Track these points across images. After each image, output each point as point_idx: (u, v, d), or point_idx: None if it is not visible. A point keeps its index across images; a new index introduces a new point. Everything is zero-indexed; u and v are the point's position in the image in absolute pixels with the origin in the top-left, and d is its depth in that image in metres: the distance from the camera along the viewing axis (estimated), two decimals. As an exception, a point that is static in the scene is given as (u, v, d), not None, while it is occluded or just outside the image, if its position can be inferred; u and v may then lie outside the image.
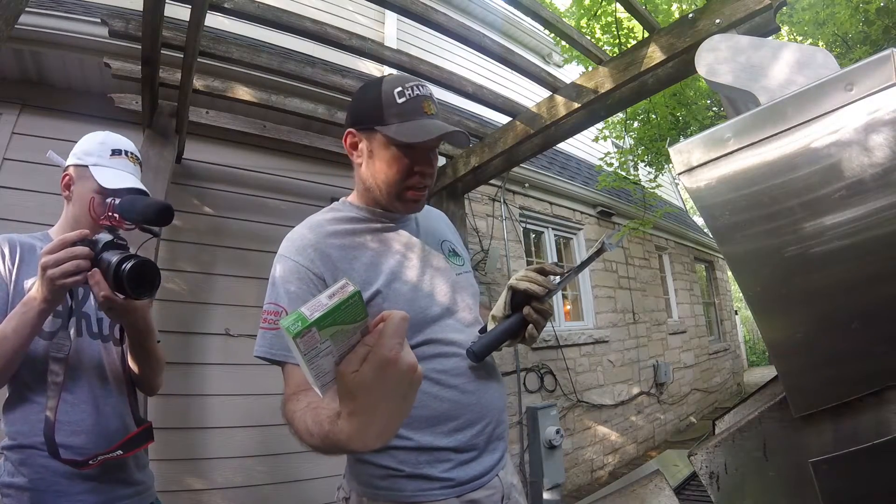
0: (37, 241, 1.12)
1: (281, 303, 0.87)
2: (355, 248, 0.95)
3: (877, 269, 0.78)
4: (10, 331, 0.93)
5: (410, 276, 0.96)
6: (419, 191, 0.97)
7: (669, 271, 7.49)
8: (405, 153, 0.93)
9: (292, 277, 0.89)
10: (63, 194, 1.16)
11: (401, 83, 0.93)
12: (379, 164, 0.95)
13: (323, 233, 0.95)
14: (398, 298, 0.92)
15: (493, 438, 0.96)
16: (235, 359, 2.73)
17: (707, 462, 0.94)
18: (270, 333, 0.87)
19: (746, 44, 1.01)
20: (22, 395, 1.03)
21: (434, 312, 0.96)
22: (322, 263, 0.90)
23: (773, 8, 1.67)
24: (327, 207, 1.05)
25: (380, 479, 0.90)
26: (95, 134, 1.20)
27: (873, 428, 0.78)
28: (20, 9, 1.14)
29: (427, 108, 0.93)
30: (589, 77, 2.26)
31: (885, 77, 0.74)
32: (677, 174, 0.94)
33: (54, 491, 0.99)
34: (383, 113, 0.91)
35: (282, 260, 0.92)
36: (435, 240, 1.08)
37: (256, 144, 2.97)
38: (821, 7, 4.98)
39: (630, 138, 5.57)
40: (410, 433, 0.89)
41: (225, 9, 1.84)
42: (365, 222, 1.00)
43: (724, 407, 5.46)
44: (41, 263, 0.90)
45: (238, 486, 2.56)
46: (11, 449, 1.02)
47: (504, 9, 5.65)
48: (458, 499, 0.90)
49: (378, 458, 0.90)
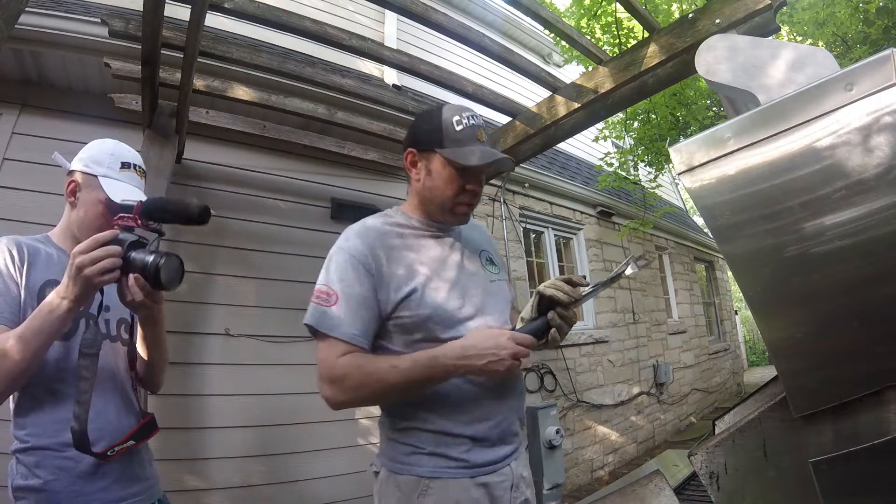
0: (39, 244, 1.12)
1: (333, 287, 1.01)
2: (402, 249, 1.08)
3: (877, 269, 0.78)
4: (34, 332, 0.93)
5: (447, 278, 1.08)
6: (468, 206, 1.12)
7: (669, 271, 7.49)
8: (459, 173, 1.07)
9: (346, 266, 1.02)
10: (68, 199, 1.16)
11: (458, 113, 1.09)
12: (436, 182, 1.09)
13: (376, 232, 1.08)
14: (433, 296, 1.03)
15: (506, 434, 1.06)
16: (235, 359, 2.73)
17: (707, 462, 0.94)
18: (320, 310, 1.00)
19: (746, 44, 1.01)
20: (36, 396, 1.03)
21: (465, 313, 1.06)
22: (372, 258, 1.03)
23: (773, 8, 1.67)
24: (382, 213, 1.19)
25: (405, 455, 1.02)
26: (104, 142, 1.20)
27: (873, 428, 0.78)
28: (20, 9, 1.14)
29: (479, 136, 1.08)
30: (589, 77, 2.26)
31: (885, 77, 0.74)
32: (677, 174, 0.94)
33: (70, 491, 1.00)
34: (443, 138, 1.07)
35: (339, 251, 1.05)
36: (474, 249, 1.20)
37: (256, 144, 2.96)
38: (821, 7, 4.98)
39: (630, 138, 5.57)
40: (433, 418, 1.01)
41: (225, 9, 1.84)
42: (414, 229, 1.13)
43: (724, 407, 5.46)
44: (76, 263, 0.91)
45: (238, 486, 2.56)
46: (25, 452, 1.01)
47: (504, 9, 5.65)
48: (471, 479, 1.00)
49: (405, 437, 1.03)
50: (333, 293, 1.00)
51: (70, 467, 1.00)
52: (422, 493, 0.99)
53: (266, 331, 2.85)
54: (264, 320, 2.85)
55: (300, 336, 2.98)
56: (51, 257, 1.11)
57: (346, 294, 0.99)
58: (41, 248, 1.11)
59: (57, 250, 1.13)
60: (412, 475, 1.00)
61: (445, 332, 1.02)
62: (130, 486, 1.10)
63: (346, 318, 0.98)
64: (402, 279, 1.03)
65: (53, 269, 1.08)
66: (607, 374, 5.28)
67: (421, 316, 1.02)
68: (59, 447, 1.00)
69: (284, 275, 3.00)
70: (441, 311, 1.03)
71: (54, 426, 1.01)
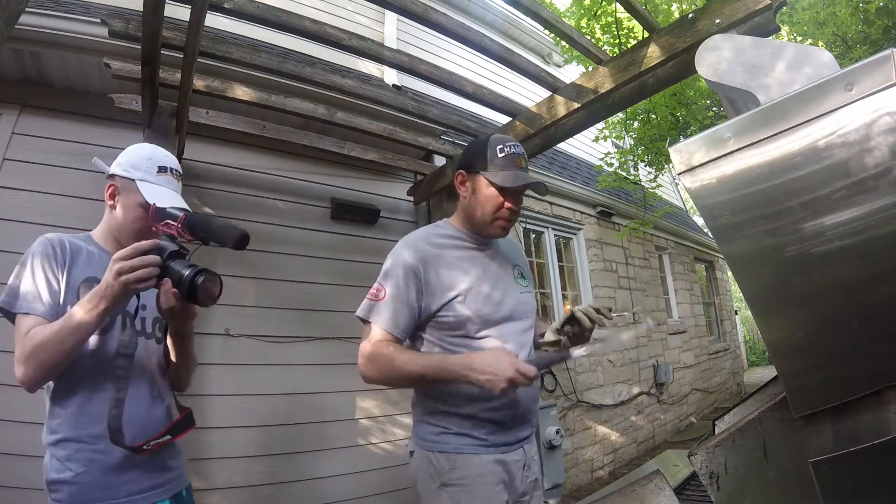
0: (81, 242, 1.18)
1: (384, 285, 1.21)
2: (449, 258, 1.26)
3: (877, 269, 0.78)
4: (73, 326, 0.99)
5: (486, 286, 1.26)
6: (507, 221, 1.28)
7: (669, 271, 7.48)
8: (500, 193, 1.25)
9: (398, 271, 1.21)
10: (107, 203, 1.22)
11: (503, 142, 1.27)
12: (479, 199, 1.27)
13: (429, 242, 1.27)
14: (475, 300, 1.22)
15: (522, 422, 1.26)
16: (235, 359, 2.73)
17: (707, 462, 0.94)
18: (370, 304, 1.22)
19: (746, 44, 1.01)
20: (71, 388, 1.08)
21: (499, 315, 1.25)
22: (423, 264, 1.22)
23: (773, 8, 1.67)
24: (433, 224, 1.39)
25: (434, 434, 1.22)
26: (141, 146, 1.25)
27: (873, 428, 0.78)
28: (20, 9, 1.14)
29: (519, 163, 1.26)
30: (589, 77, 2.26)
31: (885, 77, 0.74)
32: (677, 174, 0.94)
33: (100, 483, 1.05)
34: (487, 162, 1.25)
35: (395, 255, 1.25)
36: (508, 263, 1.38)
37: (256, 144, 2.96)
38: (821, 7, 4.97)
39: (630, 138, 5.56)
40: (462, 404, 1.20)
41: (225, 9, 1.84)
42: (461, 240, 1.31)
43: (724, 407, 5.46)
44: (116, 268, 0.97)
45: (238, 486, 2.56)
46: (57, 444, 1.06)
47: (504, 9, 5.64)
48: (491, 456, 1.19)
49: (435, 419, 1.22)
50: (382, 289, 1.21)
51: (100, 460, 1.05)
52: (451, 467, 1.17)
53: (266, 331, 2.85)
54: (264, 320, 2.85)
55: (300, 336, 2.98)
56: (91, 255, 1.17)
57: (392, 294, 1.19)
58: (83, 246, 1.17)
59: (98, 249, 1.19)
60: (441, 451, 1.19)
61: (479, 332, 1.21)
62: (158, 477, 1.14)
63: (389, 312, 1.18)
64: (448, 285, 1.21)
65: (94, 267, 1.14)
66: (607, 374, 5.28)
67: (462, 317, 1.20)
68: (89, 439, 1.05)
69: (284, 275, 3.00)
70: (479, 314, 1.21)
71: (85, 418, 1.06)
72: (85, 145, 2.51)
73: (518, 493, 1.24)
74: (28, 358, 0.99)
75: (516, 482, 1.22)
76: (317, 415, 2.91)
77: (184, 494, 1.21)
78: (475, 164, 1.28)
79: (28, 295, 1.06)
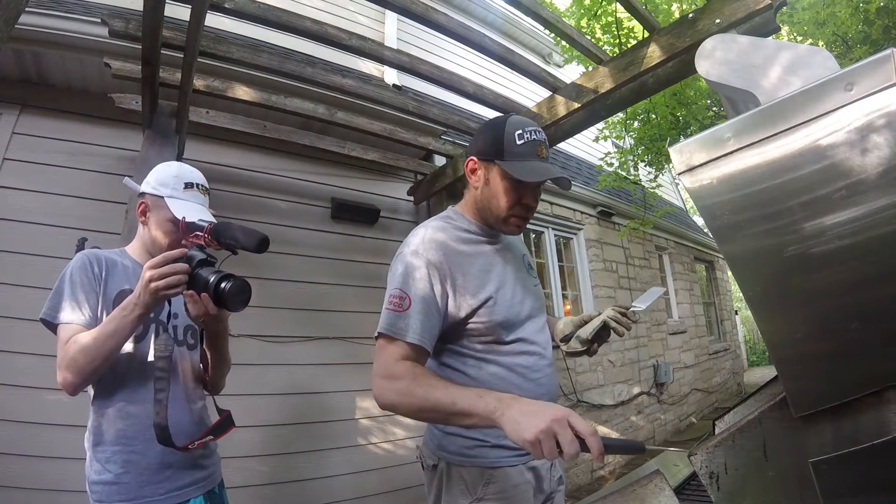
0: (116, 257, 1.26)
1: (407, 291, 1.02)
2: (471, 255, 1.13)
3: (877, 269, 0.78)
4: (110, 332, 1.06)
5: (510, 284, 1.15)
6: (522, 219, 1.15)
7: (669, 271, 7.48)
8: (516, 187, 1.09)
9: (423, 272, 1.04)
10: (139, 219, 1.30)
11: (522, 126, 1.09)
12: (493, 192, 1.12)
13: (447, 237, 1.11)
14: (504, 303, 1.11)
15: None
16: (235, 359, 2.70)
17: (707, 462, 0.94)
18: (394, 315, 1.01)
19: (746, 44, 1.01)
20: (109, 392, 1.15)
21: (524, 315, 1.15)
22: (449, 264, 1.06)
23: (773, 8, 1.67)
24: (443, 214, 1.22)
25: (469, 448, 1.09)
26: (169, 165, 1.33)
27: (873, 428, 0.78)
28: (20, 9, 1.14)
29: (540, 152, 1.09)
30: (589, 77, 2.26)
31: (885, 77, 0.74)
32: (677, 174, 0.94)
33: (139, 481, 1.11)
34: (503, 150, 1.08)
35: (411, 255, 1.07)
36: (519, 254, 1.28)
37: (257, 144, 2.97)
38: (821, 7, 4.97)
39: (630, 138, 5.56)
40: None
41: (225, 9, 1.84)
42: (478, 235, 1.18)
43: (724, 407, 5.46)
44: (146, 276, 1.04)
45: (238, 486, 2.56)
46: (97, 446, 1.13)
47: (504, 9, 5.64)
48: (525, 465, 1.11)
49: (469, 432, 1.09)
50: (406, 296, 1.02)
51: (137, 461, 1.12)
52: (486, 482, 1.07)
53: (266, 331, 2.85)
54: (265, 320, 2.85)
55: (300, 336, 2.98)
56: (126, 269, 1.25)
57: (420, 299, 1.01)
58: (118, 261, 1.25)
59: (133, 262, 1.28)
60: (476, 466, 1.08)
61: (511, 334, 1.11)
62: (194, 474, 1.21)
63: (418, 323, 1.00)
64: (476, 287, 1.08)
65: (129, 280, 1.22)
66: (607, 374, 5.28)
67: (494, 322, 1.08)
68: (126, 441, 1.12)
69: (285, 275, 3.00)
70: (510, 317, 1.11)
71: (123, 421, 1.13)
72: (85, 145, 2.52)
73: (546, 494, 1.19)
74: (69, 363, 1.06)
75: (544, 484, 1.18)
76: (317, 415, 2.91)
77: (216, 491, 1.28)
78: (489, 151, 1.10)
79: (68, 307, 1.13)
